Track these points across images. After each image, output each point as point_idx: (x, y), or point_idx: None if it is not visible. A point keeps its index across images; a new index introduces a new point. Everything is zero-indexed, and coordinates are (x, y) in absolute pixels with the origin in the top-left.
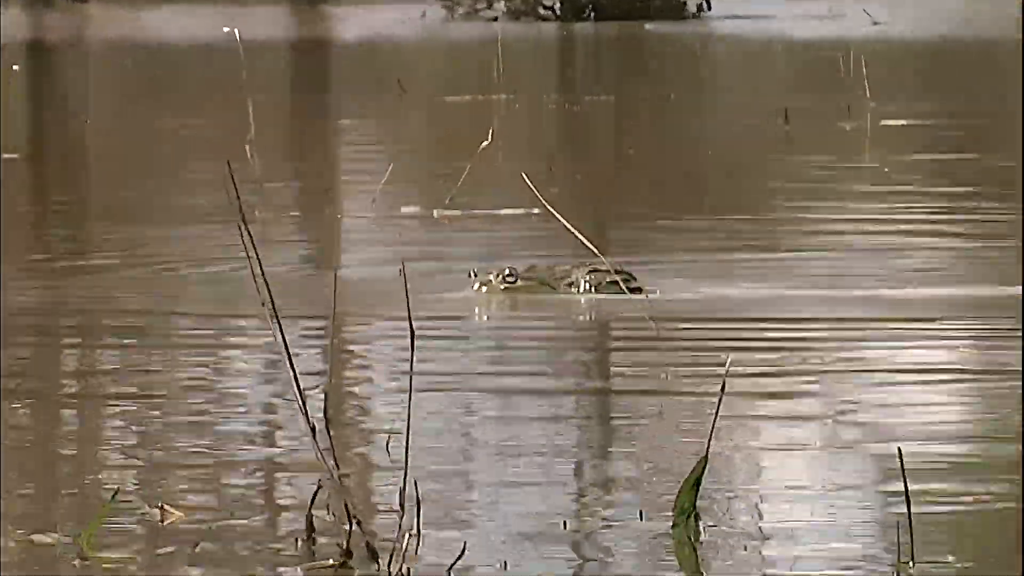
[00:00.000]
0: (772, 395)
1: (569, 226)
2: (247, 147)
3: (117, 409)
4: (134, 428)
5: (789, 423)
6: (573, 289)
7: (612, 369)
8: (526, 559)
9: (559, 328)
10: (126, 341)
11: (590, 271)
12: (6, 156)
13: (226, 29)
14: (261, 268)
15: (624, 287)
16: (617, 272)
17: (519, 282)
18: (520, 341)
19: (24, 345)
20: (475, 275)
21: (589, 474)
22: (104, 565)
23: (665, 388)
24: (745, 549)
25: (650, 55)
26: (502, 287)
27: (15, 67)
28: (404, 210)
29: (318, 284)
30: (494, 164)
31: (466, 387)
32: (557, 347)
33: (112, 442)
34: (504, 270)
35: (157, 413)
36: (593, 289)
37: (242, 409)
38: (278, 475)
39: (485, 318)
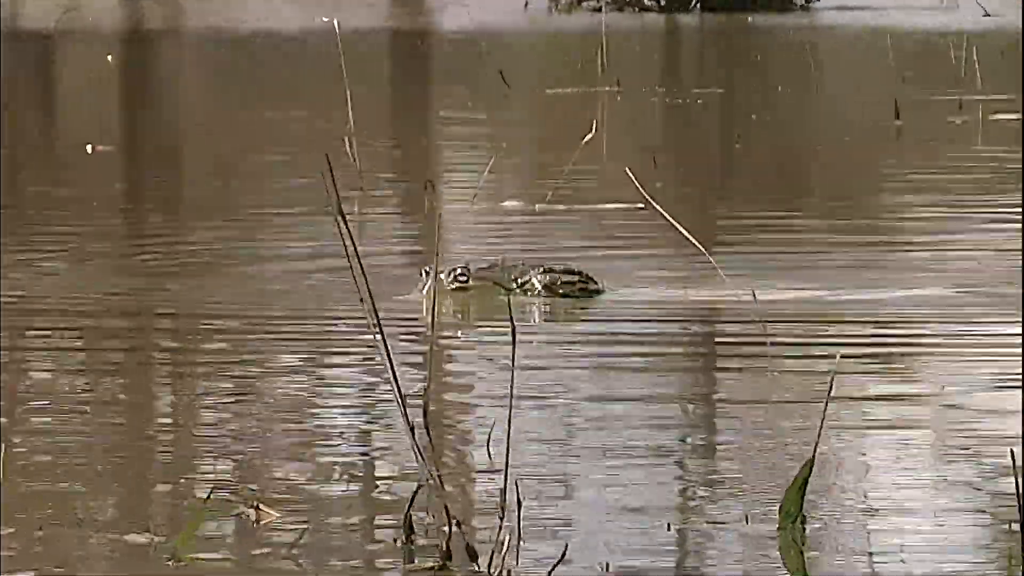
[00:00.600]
0: (881, 397)
1: (673, 221)
2: (346, 139)
3: (212, 408)
4: (229, 427)
5: (898, 426)
6: (525, 290)
7: (717, 370)
8: (628, 561)
9: (662, 329)
10: (222, 339)
11: (544, 271)
12: (100, 148)
13: (324, 19)
14: (360, 263)
15: (578, 289)
16: (573, 273)
17: (471, 282)
18: (622, 343)
19: (117, 343)
20: (426, 274)
21: (694, 476)
22: (198, 566)
23: (771, 389)
24: (852, 553)
25: (757, 47)
26: (452, 287)
27: (109, 57)
28: (506, 204)
29: (418, 279)
30: (598, 158)
31: (568, 388)
32: (660, 348)
33: (207, 441)
34: (456, 269)
35: (253, 412)
36: (545, 290)
37: (340, 408)
38: (377, 475)
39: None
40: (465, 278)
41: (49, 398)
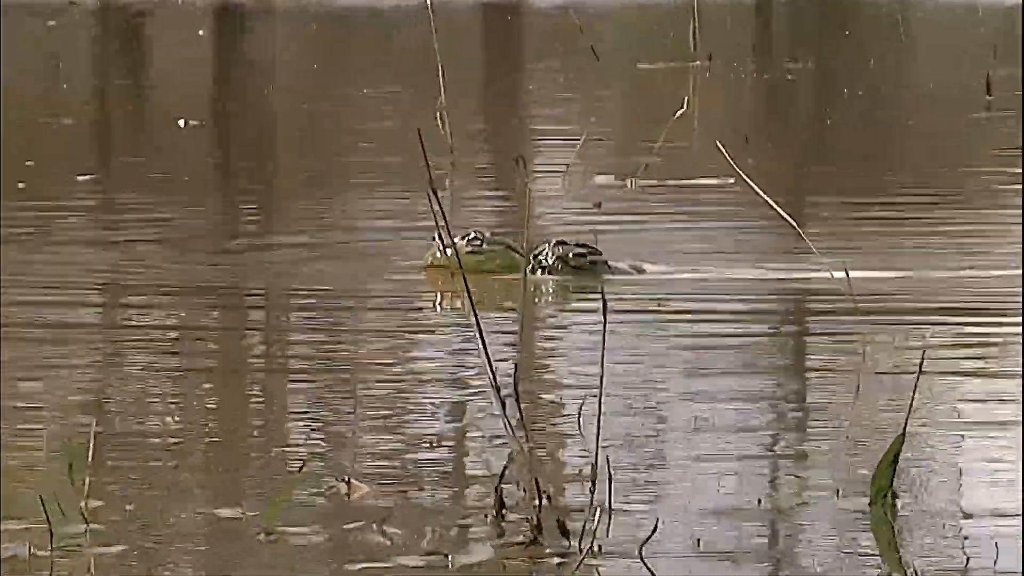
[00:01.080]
0: (971, 372)
1: (765, 196)
2: (438, 114)
3: (304, 382)
4: (321, 402)
5: (989, 400)
6: (539, 261)
7: (808, 345)
8: (720, 536)
9: (751, 302)
10: (314, 313)
11: (557, 243)
12: (193, 123)
13: None
14: (451, 238)
15: (589, 262)
16: (582, 246)
17: (484, 246)
18: (711, 316)
19: (210, 319)
20: (438, 238)
21: (784, 451)
22: (289, 539)
23: (862, 364)
24: (944, 527)
25: (848, 21)
26: (467, 251)
27: (200, 32)
28: (597, 179)
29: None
30: (689, 133)
31: (658, 363)
32: (750, 322)
33: (299, 416)
34: (469, 233)
35: (344, 386)
36: (561, 262)
37: (431, 382)
38: (467, 449)
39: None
40: (479, 242)
41: (140, 374)
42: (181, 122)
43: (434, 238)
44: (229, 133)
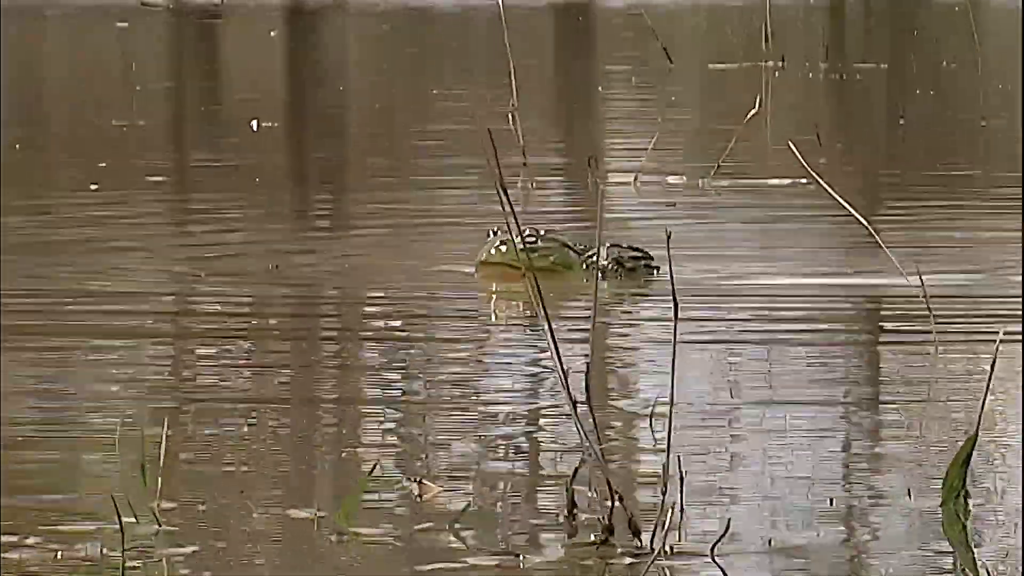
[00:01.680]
0: None
1: (838, 197)
2: (509, 115)
3: (376, 383)
4: (393, 403)
5: None
6: (592, 261)
7: (880, 347)
8: (792, 536)
9: (823, 304)
10: (385, 314)
11: (611, 244)
12: (265, 124)
13: None
14: (523, 239)
15: (643, 266)
16: (635, 249)
17: (539, 243)
18: (783, 318)
19: (282, 318)
20: (495, 234)
21: (857, 451)
22: (361, 540)
23: (935, 366)
24: (1016, 527)
25: (921, 22)
26: (521, 248)
27: (272, 33)
28: (670, 179)
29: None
30: (761, 133)
31: (731, 365)
32: (822, 324)
33: (370, 417)
34: (524, 231)
35: (416, 387)
36: (615, 264)
37: (503, 383)
38: (539, 450)
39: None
40: (534, 239)
41: (214, 376)
42: (254, 123)
43: (489, 234)
44: (301, 135)
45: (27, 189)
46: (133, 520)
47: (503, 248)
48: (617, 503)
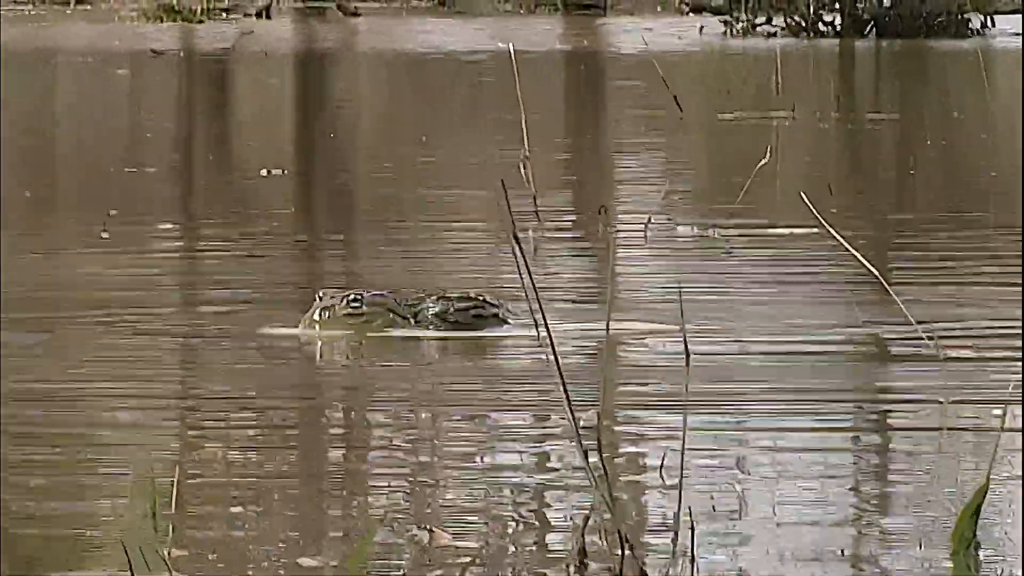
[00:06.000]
0: None
1: (849, 247)
2: (521, 164)
3: (385, 430)
4: (402, 450)
5: None
6: (419, 319)
7: (890, 395)
8: None
9: (833, 351)
10: (394, 363)
11: (439, 298)
12: (275, 172)
13: (500, 44)
14: (535, 287)
15: (472, 316)
16: (468, 299)
17: (364, 307)
18: (791, 363)
19: (287, 370)
20: (320, 299)
21: (866, 499)
22: None
23: (945, 415)
24: None
25: (932, 72)
26: (344, 313)
27: (273, 81)
28: (679, 229)
29: (592, 302)
30: (772, 183)
31: (737, 407)
32: (830, 371)
33: (379, 464)
34: (349, 295)
35: (425, 433)
36: (436, 318)
37: (513, 431)
38: (549, 498)
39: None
40: (358, 304)
41: (222, 421)
42: (264, 171)
43: (315, 297)
44: (310, 181)
45: (36, 239)
46: (144, 567)
47: (325, 315)
48: (628, 552)
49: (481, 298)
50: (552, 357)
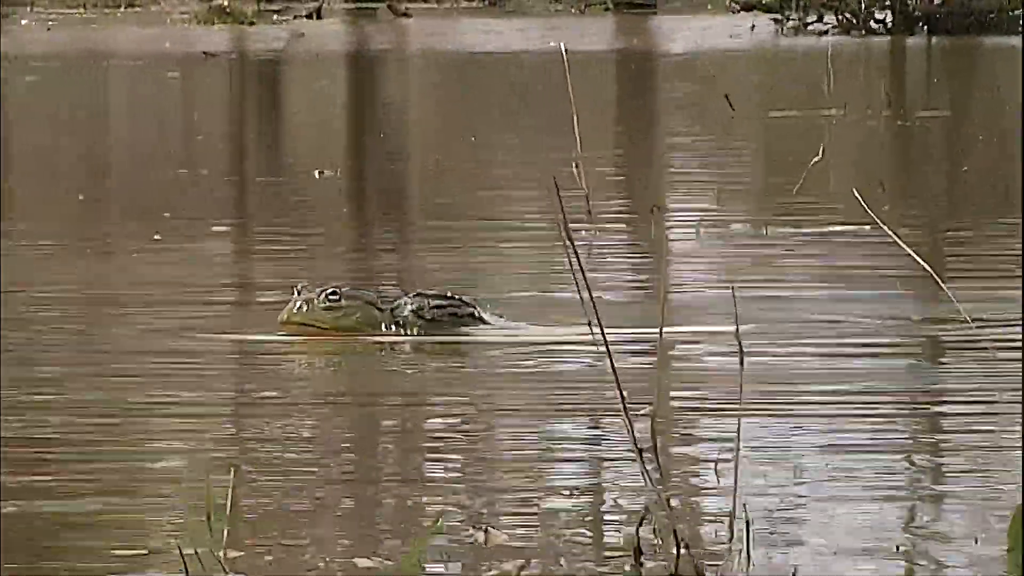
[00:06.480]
0: None
1: (903, 244)
2: (573, 164)
3: (440, 430)
4: (458, 450)
5: None
6: (395, 314)
7: (944, 393)
8: None
9: (887, 350)
10: (448, 362)
11: (415, 295)
12: (328, 173)
13: (552, 43)
14: (588, 286)
15: (448, 315)
16: (448, 298)
17: (343, 301)
18: (844, 365)
19: (341, 373)
20: (299, 292)
21: (921, 495)
22: None
23: (999, 411)
24: None
25: (984, 69)
26: (323, 306)
27: (325, 82)
28: (732, 228)
29: (646, 303)
30: (824, 181)
31: (792, 406)
32: (885, 371)
33: (435, 464)
34: (327, 289)
35: (480, 434)
36: (413, 315)
37: (569, 430)
38: (605, 497)
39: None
40: (336, 297)
41: (277, 423)
42: (316, 172)
43: (293, 292)
44: (364, 183)
45: (90, 241)
46: (200, 569)
47: (304, 308)
48: (684, 550)
49: (456, 297)
50: (608, 358)
